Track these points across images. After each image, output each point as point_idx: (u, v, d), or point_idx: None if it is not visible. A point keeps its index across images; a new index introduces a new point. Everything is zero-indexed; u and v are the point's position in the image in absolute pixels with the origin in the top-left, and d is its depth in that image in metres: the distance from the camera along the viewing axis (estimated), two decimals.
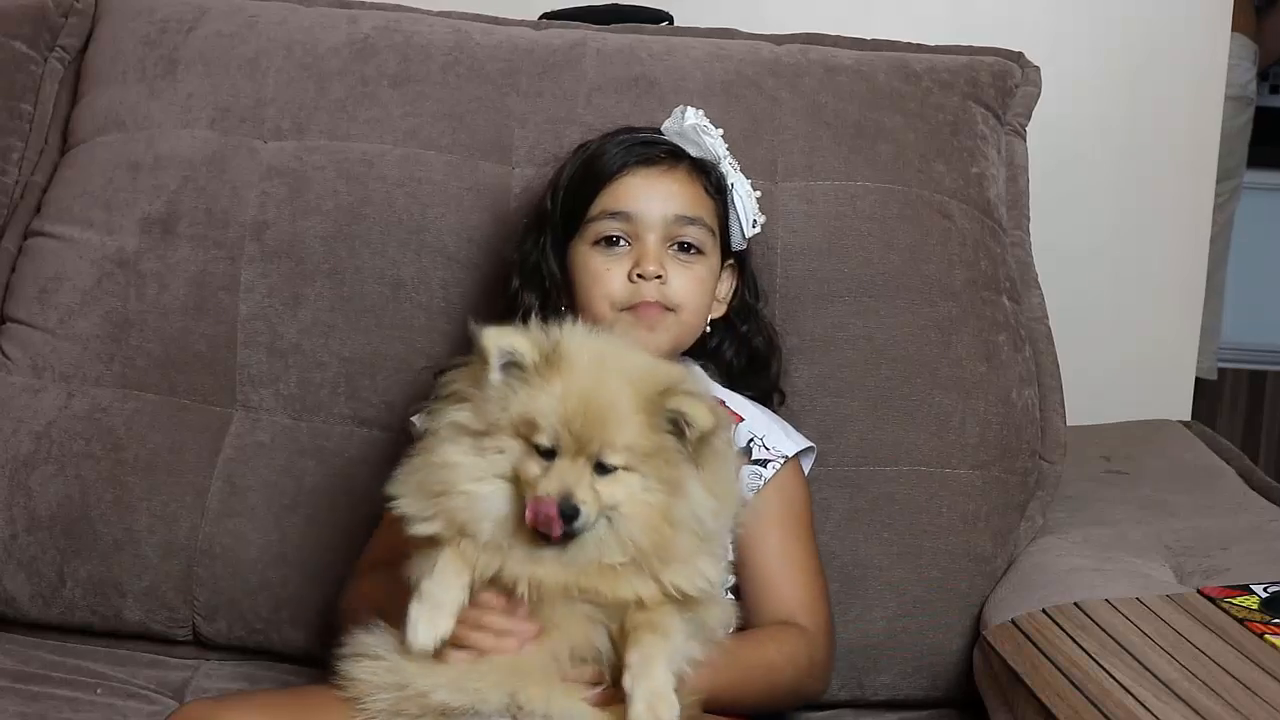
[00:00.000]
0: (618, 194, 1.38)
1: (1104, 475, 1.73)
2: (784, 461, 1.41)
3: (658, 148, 1.40)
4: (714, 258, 1.40)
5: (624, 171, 1.38)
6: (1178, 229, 2.03)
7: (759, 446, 1.41)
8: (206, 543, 1.55)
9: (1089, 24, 1.99)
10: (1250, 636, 1.27)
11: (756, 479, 1.39)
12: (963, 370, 1.55)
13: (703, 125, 1.41)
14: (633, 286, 1.36)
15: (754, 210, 1.43)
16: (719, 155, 1.42)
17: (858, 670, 1.52)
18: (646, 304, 1.36)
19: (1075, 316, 1.83)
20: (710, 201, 1.41)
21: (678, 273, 1.37)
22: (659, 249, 1.36)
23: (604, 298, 1.37)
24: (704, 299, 1.40)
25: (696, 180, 1.40)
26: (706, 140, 1.41)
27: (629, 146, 1.40)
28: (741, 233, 1.43)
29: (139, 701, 1.48)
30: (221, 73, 1.67)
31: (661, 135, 1.42)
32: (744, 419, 1.42)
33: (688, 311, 1.38)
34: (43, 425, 1.57)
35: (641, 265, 1.35)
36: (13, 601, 1.57)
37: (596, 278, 1.37)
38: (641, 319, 1.36)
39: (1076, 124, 1.96)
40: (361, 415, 1.57)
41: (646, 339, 1.35)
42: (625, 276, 1.36)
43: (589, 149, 1.43)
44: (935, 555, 1.51)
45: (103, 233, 1.62)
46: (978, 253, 1.60)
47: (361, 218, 1.59)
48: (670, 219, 1.37)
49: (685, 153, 1.41)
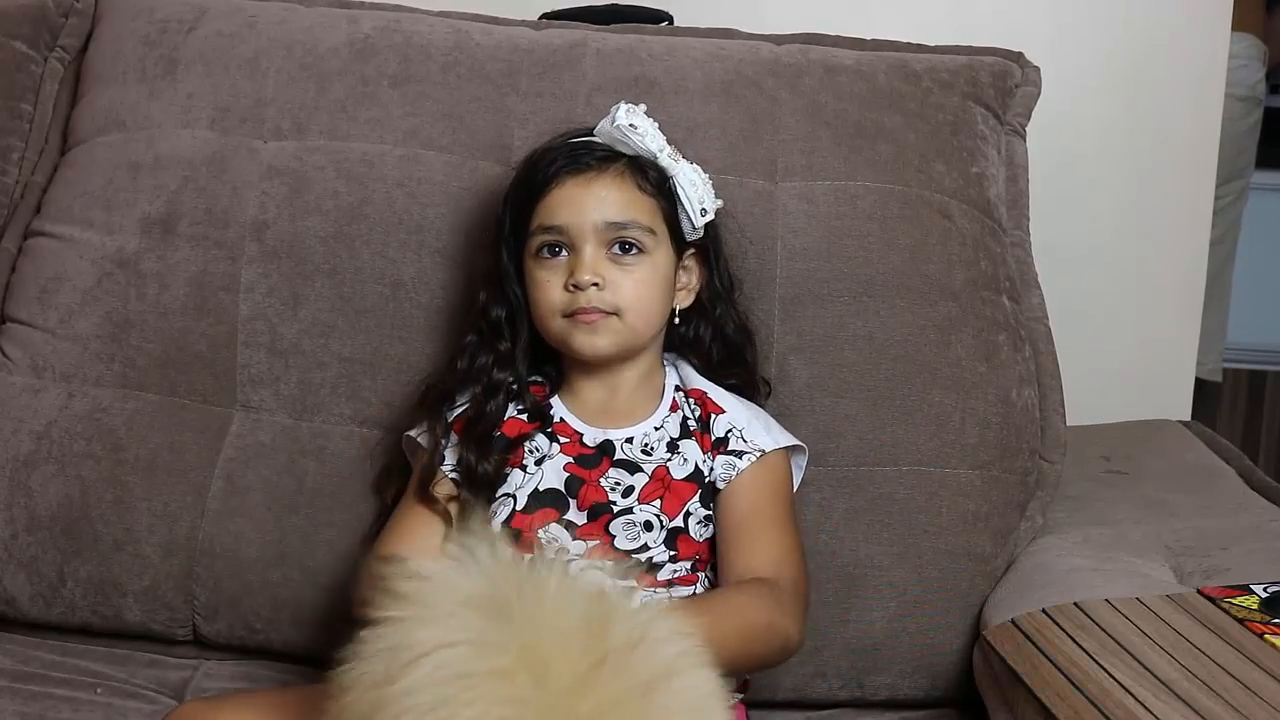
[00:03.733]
0: (550, 206, 1.39)
1: (1104, 475, 1.73)
2: (760, 455, 1.41)
3: (589, 153, 1.40)
4: (659, 255, 1.40)
5: (554, 183, 1.39)
6: (1178, 229, 2.03)
7: (737, 438, 1.41)
8: (207, 543, 1.55)
9: (1089, 24, 1.99)
10: (1250, 636, 1.27)
11: (730, 469, 1.40)
12: (962, 370, 1.55)
13: (630, 124, 1.40)
14: (570, 295, 1.37)
15: (704, 197, 1.43)
16: (654, 150, 1.41)
17: (857, 670, 1.52)
18: (585, 310, 1.37)
19: (1075, 316, 1.83)
20: (647, 199, 1.40)
21: (617, 276, 1.38)
22: (594, 256, 1.37)
23: (547, 307, 1.39)
24: (652, 299, 1.40)
25: (629, 180, 1.40)
26: (635, 139, 1.40)
27: (558, 156, 1.41)
28: (691, 223, 1.43)
29: (139, 701, 1.48)
30: (221, 73, 1.67)
31: (594, 139, 1.42)
32: (725, 411, 1.43)
33: (631, 314, 1.38)
34: (43, 425, 1.57)
35: (575, 275, 1.37)
36: (13, 601, 1.57)
37: (541, 289, 1.39)
38: (581, 324, 1.38)
39: (1076, 124, 1.96)
40: (362, 415, 1.57)
41: (591, 341, 1.38)
42: (563, 286, 1.38)
43: (530, 156, 1.44)
44: (935, 555, 1.51)
45: (103, 233, 1.63)
46: (978, 253, 1.60)
47: (361, 218, 1.59)
48: (602, 226, 1.37)
49: (618, 154, 1.41)
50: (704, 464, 1.40)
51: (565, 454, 1.40)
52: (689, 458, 1.40)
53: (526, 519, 1.38)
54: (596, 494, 1.38)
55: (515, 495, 1.39)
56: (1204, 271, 2.05)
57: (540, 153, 1.43)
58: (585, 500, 1.38)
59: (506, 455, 1.41)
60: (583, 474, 1.39)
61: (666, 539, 1.38)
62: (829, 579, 1.51)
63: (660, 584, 1.37)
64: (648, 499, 1.38)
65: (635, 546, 1.37)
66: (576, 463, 1.40)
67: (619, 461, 1.39)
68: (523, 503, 1.39)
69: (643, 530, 1.37)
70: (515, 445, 1.41)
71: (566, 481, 1.39)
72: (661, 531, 1.37)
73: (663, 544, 1.37)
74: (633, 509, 1.38)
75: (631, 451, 1.40)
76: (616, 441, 1.40)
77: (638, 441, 1.41)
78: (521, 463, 1.40)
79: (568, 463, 1.40)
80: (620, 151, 1.41)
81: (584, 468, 1.39)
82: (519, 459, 1.41)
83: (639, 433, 1.41)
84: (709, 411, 1.43)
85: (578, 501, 1.38)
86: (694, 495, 1.39)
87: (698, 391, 1.44)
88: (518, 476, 1.40)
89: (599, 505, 1.38)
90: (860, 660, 1.51)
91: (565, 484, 1.39)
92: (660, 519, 1.37)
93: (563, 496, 1.38)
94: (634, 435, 1.41)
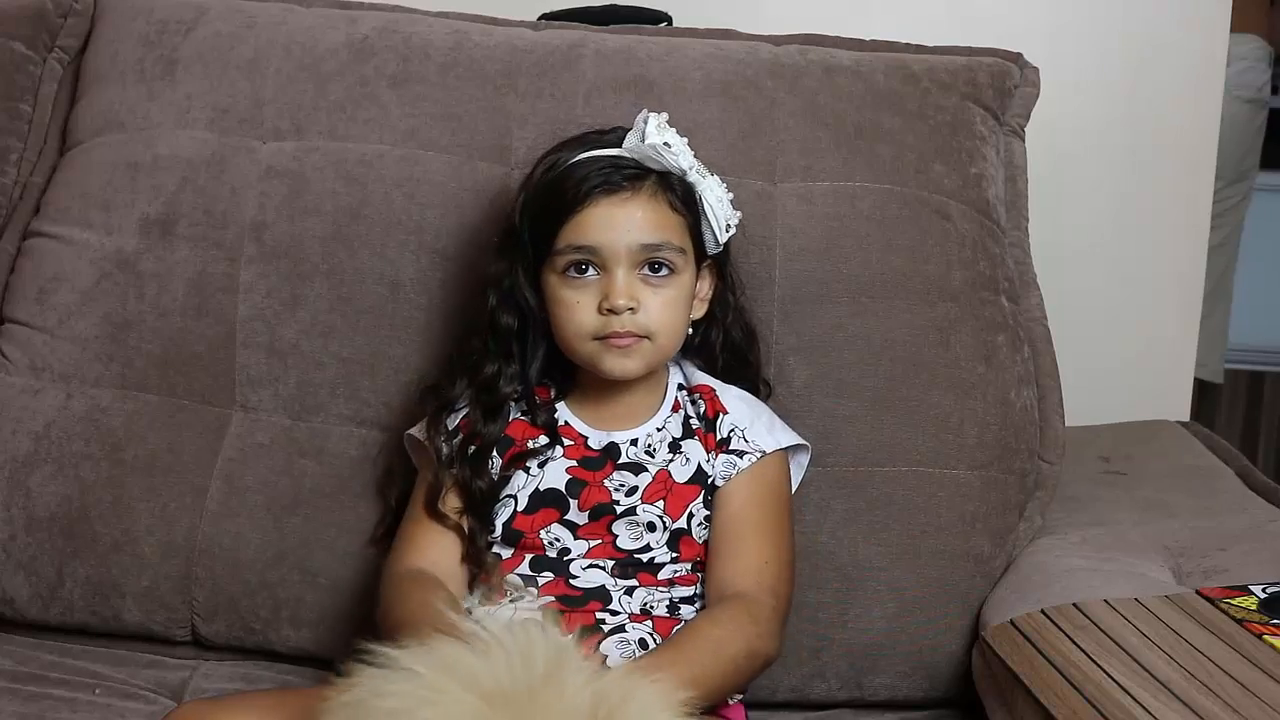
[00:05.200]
0: (581, 226, 1.36)
1: (1103, 476, 1.73)
2: (760, 456, 1.41)
3: (619, 172, 1.37)
4: (687, 272, 1.39)
5: (586, 202, 1.36)
6: (1177, 229, 2.02)
7: (739, 438, 1.41)
8: (205, 543, 1.55)
9: (1088, 24, 1.99)
10: (1249, 637, 1.27)
11: (730, 468, 1.40)
12: (961, 370, 1.55)
13: (661, 144, 1.37)
14: (604, 318, 1.35)
15: (727, 213, 1.42)
16: (684, 167, 1.39)
17: (856, 671, 1.52)
18: (618, 334, 1.35)
19: (1074, 317, 1.83)
20: (678, 218, 1.39)
21: (650, 298, 1.36)
22: (628, 279, 1.35)
23: (576, 329, 1.37)
24: (679, 319, 1.39)
25: (661, 199, 1.38)
26: (669, 159, 1.37)
27: (589, 173, 1.37)
28: (715, 239, 1.42)
29: (138, 702, 1.48)
30: (220, 73, 1.67)
31: (624, 156, 1.38)
32: (729, 411, 1.42)
33: (662, 337, 1.37)
34: (42, 426, 1.57)
35: (611, 299, 1.34)
36: (12, 602, 1.57)
37: (568, 309, 1.37)
38: (614, 347, 1.36)
39: (1075, 124, 1.96)
40: (360, 416, 1.57)
41: (622, 365, 1.36)
42: (595, 308, 1.35)
43: (553, 169, 1.40)
44: (934, 555, 1.51)
45: (102, 233, 1.63)
46: (976, 253, 1.60)
47: (360, 218, 1.59)
48: (636, 248, 1.35)
49: (647, 170, 1.38)
50: (708, 464, 1.40)
51: (569, 457, 1.40)
52: (692, 457, 1.40)
53: (528, 520, 1.38)
54: (599, 495, 1.38)
55: (517, 496, 1.39)
56: (1203, 271, 2.05)
57: (567, 168, 1.39)
58: (587, 501, 1.38)
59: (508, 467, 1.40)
60: (585, 476, 1.39)
61: (669, 540, 1.38)
62: (828, 579, 1.51)
63: (661, 583, 1.37)
64: (651, 499, 1.38)
65: (638, 546, 1.37)
66: (580, 465, 1.40)
67: (623, 464, 1.39)
68: (524, 504, 1.39)
69: (645, 531, 1.37)
70: (515, 446, 1.41)
71: (568, 483, 1.39)
72: (664, 533, 1.37)
73: (665, 545, 1.37)
74: (636, 509, 1.38)
75: (635, 453, 1.40)
76: (621, 444, 1.40)
77: (641, 443, 1.40)
78: (524, 464, 1.40)
79: (571, 465, 1.40)
80: (649, 168, 1.39)
81: (588, 470, 1.39)
82: (521, 461, 1.40)
83: (642, 434, 1.41)
84: (714, 410, 1.42)
85: (579, 502, 1.38)
86: (697, 497, 1.39)
87: (704, 388, 1.44)
88: (520, 478, 1.40)
89: (601, 506, 1.38)
90: (859, 661, 1.51)
91: (566, 485, 1.39)
92: (664, 520, 1.37)
93: (563, 497, 1.38)
94: (638, 436, 1.41)
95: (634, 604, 1.36)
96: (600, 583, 1.36)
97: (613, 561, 1.37)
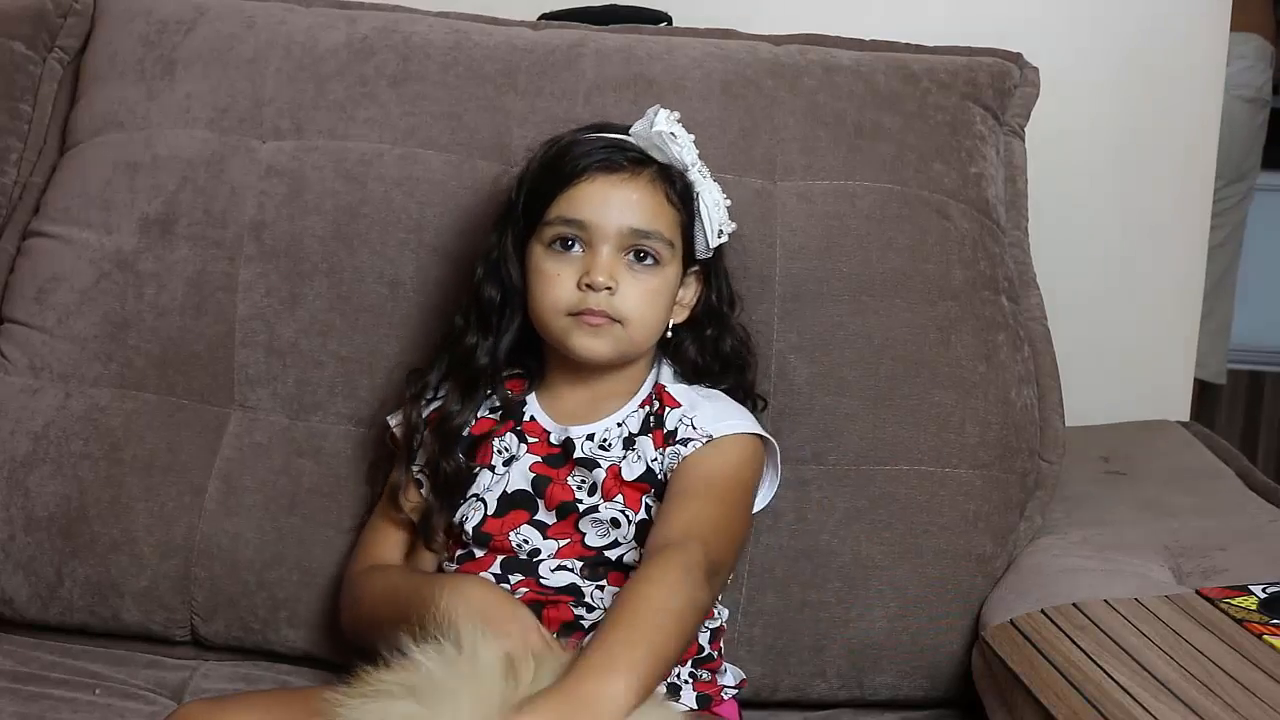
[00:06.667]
0: (575, 199, 1.35)
1: (1103, 476, 1.73)
2: (706, 441, 1.37)
3: (622, 153, 1.37)
4: (672, 268, 1.38)
5: (583, 176, 1.35)
6: (1177, 229, 2.02)
7: (686, 427, 1.38)
8: (204, 543, 1.55)
9: (1088, 24, 1.99)
10: (1249, 637, 1.27)
11: (675, 458, 1.36)
12: (962, 370, 1.55)
13: (670, 132, 1.37)
14: (580, 294, 1.34)
15: (721, 220, 1.41)
16: (687, 163, 1.39)
17: (857, 670, 1.52)
18: (592, 311, 1.34)
19: (1074, 316, 1.83)
20: (672, 211, 1.38)
21: (629, 283, 1.35)
22: (611, 259, 1.34)
23: (552, 302, 1.36)
24: (655, 312, 1.37)
25: (659, 188, 1.37)
26: (673, 149, 1.37)
27: (592, 149, 1.37)
28: (706, 242, 1.41)
29: (137, 702, 1.48)
30: (220, 73, 1.67)
31: (628, 140, 1.39)
32: (680, 404, 1.39)
33: (634, 325, 1.36)
34: (40, 426, 1.57)
35: (591, 275, 1.33)
36: (11, 602, 1.57)
37: (547, 281, 1.36)
38: (585, 324, 1.35)
39: (1075, 124, 1.95)
40: (360, 415, 1.57)
41: (590, 345, 1.35)
42: (575, 283, 1.35)
43: (556, 144, 1.40)
44: (935, 555, 1.51)
45: (101, 233, 1.62)
46: (976, 253, 1.60)
47: (360, 217, 1.59)
48: (625, 231, 1.35)
49: (651, 158, 1.38)
50: (655, 462, 1.37)
51: (533, 454, 1.39)
52: (642, 455, 1.37)
53: (497, 523, 1.37)
54: (564, 493, 1.37)
55: (485, 499, 1.39)
56: (1203, 271, 2.05)
57: (570, 142, 1.39)
58: (552, 500, 1.37)
59: (474, 456, 1.40)
60: (550, 473, 1.38)
61: (636, 534, 1.36)
62: (829, 578, 1.51)
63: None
64: (609, 496, 1.36)
65: (606, 543, 1.36)
66: (544, 462, 1.39)
67: (579, 460, 1.38)
68: (493, 507, 1.38)
69: (611, 527, 1.36)
70: (482, 443, 1.40)
71: (533, 482, 1.38)
72: (630, 527, 1.36)
73: (633, 539, 1.36)
74: (598, 507, 1.36)
75: (591, 448, 1.38)
76: (577, 440, 1.38)
77: (597, 438, 1.39)
78: (490, 462, 1.40)
79: (535, 462, 1.39)
80: (652, 157, 1.38)
81: (551, 467, 1.38)
82: (487, 457, 1.40)
83: (600, 429, 1.39)
84: (665, 406, 1.40)
85: (545, 501, 1.37)
86: (648, 494, 1.37)
87: (659, 386, 1.42)
88: (486, 477, 1.39)
89: (566, 504, 1.36)
90: (860, 660, 1.51)
91: (532, 484, 1.38)
92: (626, 514, 1.36)
93: (531, 497, 1.37)
94: (595, 431, 1.39)
95: (606, 599, 1.34)
96: (570, 582, 1.35)
97: (582, 561, 1.35)
